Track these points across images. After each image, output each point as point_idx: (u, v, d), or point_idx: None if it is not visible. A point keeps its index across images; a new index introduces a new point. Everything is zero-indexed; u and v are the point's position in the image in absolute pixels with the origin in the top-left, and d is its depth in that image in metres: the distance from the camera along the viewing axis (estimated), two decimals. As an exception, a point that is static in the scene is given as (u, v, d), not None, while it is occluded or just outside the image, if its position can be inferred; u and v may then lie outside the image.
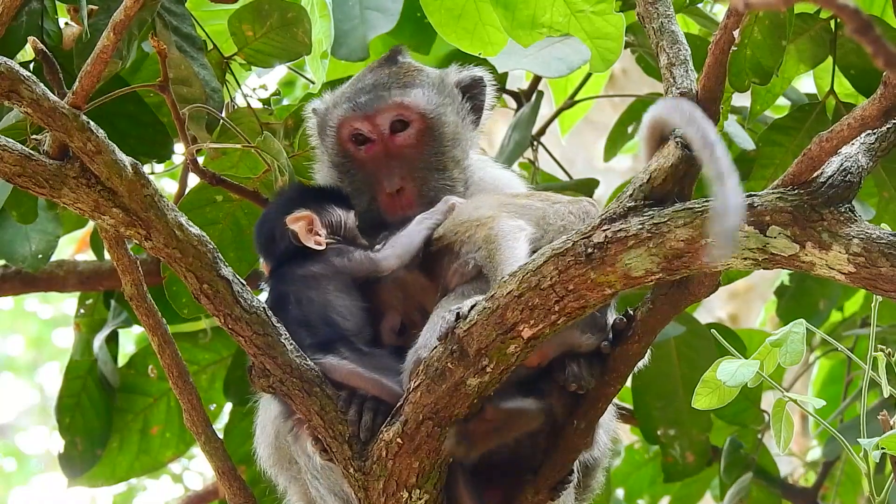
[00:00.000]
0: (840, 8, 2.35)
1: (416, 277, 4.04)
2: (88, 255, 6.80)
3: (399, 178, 4.22)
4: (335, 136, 4.30)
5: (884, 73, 3.47)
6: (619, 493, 6.49)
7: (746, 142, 5.22)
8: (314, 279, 3.97)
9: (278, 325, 3.83)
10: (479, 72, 4.45)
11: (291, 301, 3.93)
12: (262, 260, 4.16)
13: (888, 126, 3.67)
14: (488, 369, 3.70)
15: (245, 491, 4.19)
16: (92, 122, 3.67)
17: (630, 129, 5.97)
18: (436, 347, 3.73)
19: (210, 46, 4.90)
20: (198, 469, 9.54)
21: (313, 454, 3.91)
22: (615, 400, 4.06)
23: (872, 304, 3.92)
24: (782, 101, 5.36)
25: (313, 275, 3.98)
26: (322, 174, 4.39)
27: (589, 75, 6.02)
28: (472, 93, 4.42)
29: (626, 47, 5.24)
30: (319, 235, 4.03)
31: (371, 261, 4.01)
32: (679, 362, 5.64)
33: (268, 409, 4.20)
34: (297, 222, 4.03)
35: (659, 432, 5.68)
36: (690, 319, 5.61)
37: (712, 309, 9.48)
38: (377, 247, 4.02)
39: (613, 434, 4.28)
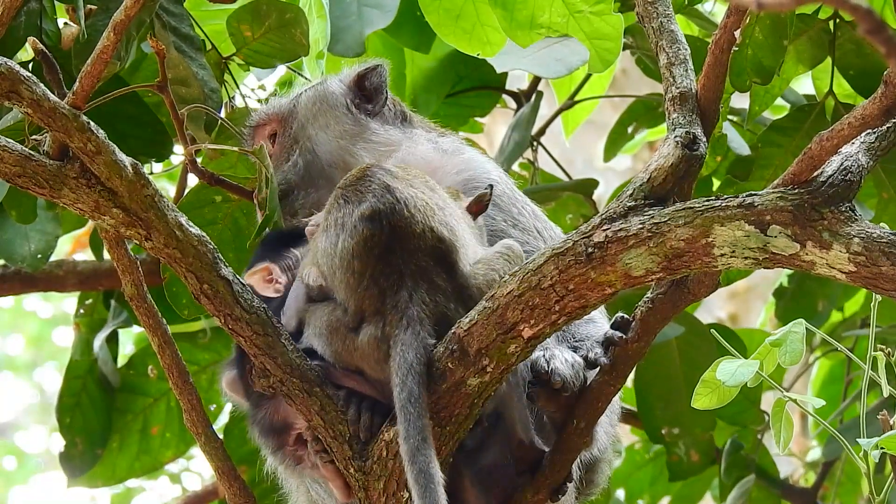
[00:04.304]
0: (853, 8, 2.35)
1: None
2: (85, 255, 6.79)
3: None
4: None
5: (885, 73, 3.47)
6: (620, 493, 6.49)
7: (742, 147, 5.23)
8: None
9: (278, 325, 3.83)
10: (364, 66, 4.51)
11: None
12: None
13: (888, 125, 3.67)
14: (488, 369, 3.70)
15: (245, 491, 4.18)
16: (92, 123, 3.67)
17: (630, 129, 5.98)
18: (436, 347, 3.74)
19: (209, 47, 4.90)
20: (196, 469, 9.53)
21: (315, 455, 3.91)
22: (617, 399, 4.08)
23: (872, 304, 3.92)
24: (781, 101, 5.37)
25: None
26: None
27: (589, 75, 6.02)
28: (362, 84, 4.48)
29: (624, 49, 5.24)
30: (280, 283, 4.04)
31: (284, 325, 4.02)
32: (681, 362, 5.64)
33: None
34: (252, 277, 4.06)
35: (663, 431, 5.69)
36: (691, 319, 5.61)
37: (712, 309, 9.49)
38: (282, 311, 4.01)
39: (614, 431, 4.28)
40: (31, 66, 4.40)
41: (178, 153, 4.88)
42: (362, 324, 3.77)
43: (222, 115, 4.67)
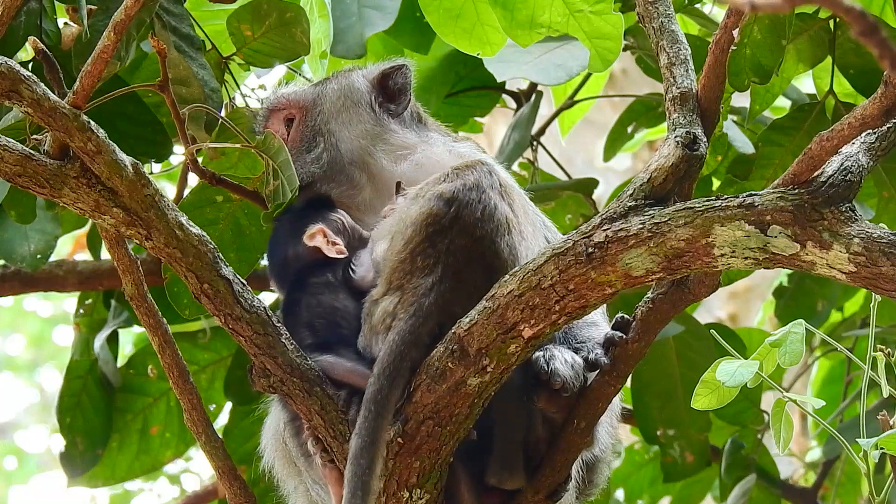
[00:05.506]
0: (846, 10, 2.35)
1: None
2: (86, 255, 6.79)
3: None
4: None
5: (885, 73, 3.47)
6: (619, 493, 6.49)
7: (746, 145, 5.23)
8: (326, 286, 4.00)
9: (279, 324, 3.83)
10: (388, 63, 4.48)
11: (301, 305, 3.95)
12: (275, 286, 4.21)
13: (889, 125, 3.68)
14: (489, 369, 3.70)
15: (245, 491, 4.18)
16: (92, 122, 3.67)
17: (630, 129, 5.97)
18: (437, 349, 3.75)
19: (209, 46, 4.90)
20: (195, 470, 9.54)
21: (314, 455, 3.92)
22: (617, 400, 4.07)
23: (871, 304, 3.92)
24: (781, 100, 5.36)
25: (326, 282, 4.00)
26: None
27: (588, 75, 6.02)
28: (385, 83, 4.45)
29: (624, 49, 5.24)
30: (338, 244, 4.07)
31: (360, 281, 4.02)
32: (678, 362, 5.64)
33: (276, 413, 4.21)
34: (315, 238, 4.07)
35: (658, 432, 5.69)
36: (689, 319, 5.61)
37: (712, 309, 9.49)
38: (353, 266, 4.03)
39: (615, 431, 4.27)
40: (31, 65, 4.40)
41: (179, 153, 4.89)
42: (384, 296, 3.80)
43: (222, 114, 4.67)
